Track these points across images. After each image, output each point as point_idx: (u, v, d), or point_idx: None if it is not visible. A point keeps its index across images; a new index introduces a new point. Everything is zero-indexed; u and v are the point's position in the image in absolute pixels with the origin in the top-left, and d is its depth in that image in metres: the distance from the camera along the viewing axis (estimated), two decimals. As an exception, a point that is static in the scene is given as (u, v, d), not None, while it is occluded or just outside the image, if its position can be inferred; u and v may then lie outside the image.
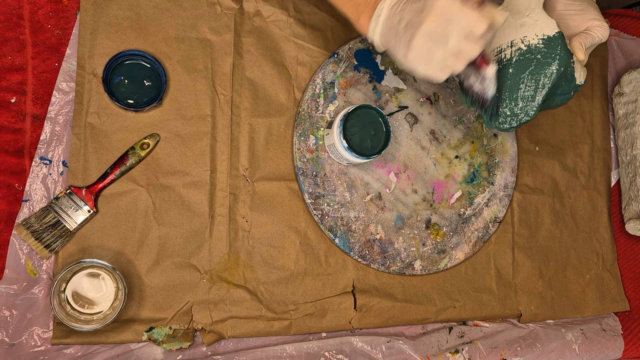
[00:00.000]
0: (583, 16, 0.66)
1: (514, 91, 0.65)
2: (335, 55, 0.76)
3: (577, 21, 0.66)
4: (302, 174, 0.74)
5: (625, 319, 0.89)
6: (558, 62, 0.63)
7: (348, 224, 0.75)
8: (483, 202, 0.82)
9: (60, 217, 0.65)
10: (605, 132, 0.93)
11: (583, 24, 0.66)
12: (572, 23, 0.66)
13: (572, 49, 0.65)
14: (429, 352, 0.76)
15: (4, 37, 0.67)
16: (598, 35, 0.65)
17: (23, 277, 0.66)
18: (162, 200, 0.69)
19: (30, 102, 0.68)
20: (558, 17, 0.67)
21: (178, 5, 0.71)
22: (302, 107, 0.75)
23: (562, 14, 0.67)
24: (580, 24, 0.66)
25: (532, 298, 0.83)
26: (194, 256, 0.70)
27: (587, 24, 0.66)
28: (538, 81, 0.64)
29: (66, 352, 0.66)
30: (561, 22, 0.67)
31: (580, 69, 0.66)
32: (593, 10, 0.66)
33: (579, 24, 0.66)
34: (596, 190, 0.90)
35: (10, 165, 0.67)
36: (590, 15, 0.66)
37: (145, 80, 0.69)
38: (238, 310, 0.70)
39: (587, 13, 0.66)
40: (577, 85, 0.66)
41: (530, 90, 0.65)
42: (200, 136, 0.71)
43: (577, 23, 0.66)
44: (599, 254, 0.89)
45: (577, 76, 0.65)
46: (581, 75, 0.66)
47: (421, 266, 0.78)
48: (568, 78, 0.65)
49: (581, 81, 0.66)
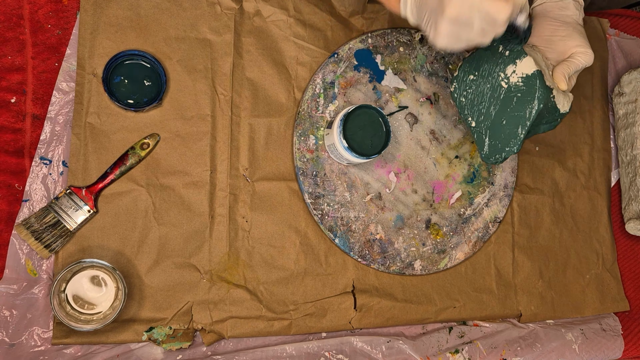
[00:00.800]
0: (568, 42, 0.67)
1: (497, 127, 0.69)
2: (335, 55, 0.76)
3: (562, 47, 0.68)
4: (302, 174, 0.74)
5: (625, 319, 0.89)
6: (537, 101, 0.65)
7: (348, 224, 0.75)
8: (483, 202, 0.82)
9: (60, 217, 0.65)
10: (605, 132, 0.93)
11: (568, 50, 0.67)
12: (557, 49, 0.68)
13: (555, 79, 0.67)
14: (429, 352, 0.76)
15: (4, 37, 0.67)
16: (582, 62, 0.67)
17: (23, 277, 0.66)
18: (162, 200, 0.69)
19: (30, 102, 0.68)
20: (544, 42, 0.68)
21: (178, 5, 0.71)
22: (302, 107, 0.75)
23: (548, 39, 0.68)
24: (565, 50, 0.67)
25: (532, 298, 0.83)
26: (194, 256, 0.70)
27: (572, 50, 0.67)
28: (519, 118, 0.67)
29: (66, 352, 0.66)
30: (548, 47, 0.68)
31: (562, 99, 0.67)
32: (578, 37, 0.67)
33: (564, 50, 0.67)
34: (596, 190, 0.90)
35: (10, 165, 0.67)
36: (575, 42, 0.67)
37: (145, 80, 0.69)
38: (238, 310, 0.70)
39: (571, 39, 0.67)
40: (561, 113, 0.68)
41: (512, 127, 0.68)
42: (200, 136, 0.71)
43: (562, 49, 0.68)
44: (599, 254, 0.89)
45: (560, 107, 0.67)
46: (564, 104, 0.68)
47: (421, 266, 0.78)
48: (551, 109, 0.67)
49: (565, 110, 0.68)
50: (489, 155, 0.71)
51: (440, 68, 0.81)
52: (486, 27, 0.55)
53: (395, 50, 0.79)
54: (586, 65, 0.67)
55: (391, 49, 0.79)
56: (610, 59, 0.96)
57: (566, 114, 0.68)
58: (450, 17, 0.54)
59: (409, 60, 0.79)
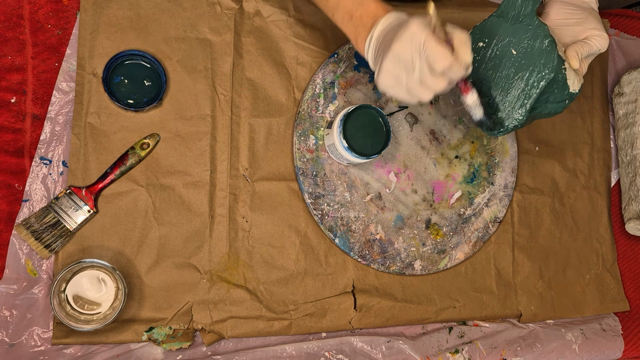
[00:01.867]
0: (583, 26, 0.66)
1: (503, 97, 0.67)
2: (335, 55, 0.76)
3: (577, 30, 0.66)
4: (302, 174, 0.74)
5: (625, 319, 0.89)
6: (548, 69, 0.63)
7: (348, 224, 0.75)
8: (483, 202, 0.82)
9: (60, 217, 0.65)
10: (605, 132, 0.93)
11: (582, 33, 0.66)
12: (571, 32, 0.66)
13: (567, 57, 0.65)
14: (429, 352, 0.76)
15: (4, 37, 0.67)
16: (596, 45, 0.65)
17: (23, 277, 0.66)
18: (162, 200, 0.69)
19: (30, 102, 0.68)
20: (558, 25, 0.67)
21: (178, 5, 0.71)
22: (302, 107, 0.75)
23: (562, 22, 0.67)
24: (579, 33, 0.66)
25: (532, 298, 0.83)
26: (194, 256, 0.70)
27: (587, 33, 0.66)
28: (527, 87, 0.65)
29: (66, 352, 0.66)
30: (561, 30, 0.67)
31: (574, 77, 0.65)
32: (593, 20, 0.66)
33: (578, 33, 0.66)
34: (596, 190, 0.90)
35: (10, 165, 0.67)
36: (590, 25, 0.65)
37: (145, 80, 0.69)
38: (238, 310, 0.70)
39: (587, 22, 0.66)
40: (571, 93, 0.66)
41: (519, 97, 0.66)
42: (200, 136, 0.71)
43: (576, 32, 0.66)
44: (599, 254, 0.89)
45: (570, 84, 0.65)
46: (575, 83, 0.65)
47: (421, 266, 0.78)
48: (560, 85, 0.65)
49: (575, 89, 0.65)
50: (493, 126, 0.68)
51: (440, 68, 0.81)
52: (424, 78, 0.53)
53: (395, 50, 0.79)
54: (600, 49, 0.65)
55: (391, 49, 0.79)
56: (610, 59, 0.96)
57: (575, 96, 0.66)
58: (394, 53, 0.53)
59: (409, 60, 0.79)
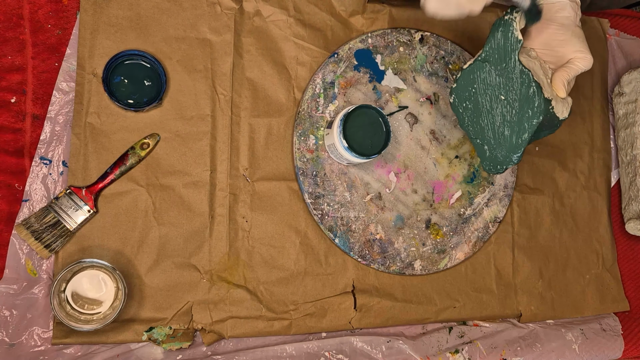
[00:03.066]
0: (566, 48, 0.67)
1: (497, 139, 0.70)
2: (335, 55, 0.76)
3: (561, 53, 0.68)
4: (302, 174, 0.74)
5: (625, 319, 0.89)
6: (536, 115, 0.65)
7: (348, 224, 0.75)
8: (483, 202, 0.82)
9: (60, 217, 0.65)
10: (605, 132, 0.93)
11: (567, 55, 0.67)
12: (556, 53, 0.68)
13: (554, 87, 0.67)
14: (429, 352, 0.76)
15: (4, 37, 0.67)
16: (580, 67, 0.67)
17: (23, 277, 0.66)
18: (162, 200, 0.69)
19: (30, 102, 0.68)
20: (542, 45, 0.68)
21: (178, 5, 0.71)
22: (302, 107, 0.75)
23: (546, 43, 0.68)
24: (563, 56, 0.68)
25: (532, 298, 0.83)
26: (194, 256, 0.70)
27: (571, 56, 0.67)
28: (519, 130, 0.67)
29: (66, 352, 0.66)
30: (546, 51, 0.68)
31: (561, 107, 0.67)
32: (576, 41, 0.67)
33: (563, 55, 0.68)
34: (596, 190, 0.90)
35: (10, 165, 0.67)
36: (573, 47, 0.67)
37: (145, 80, 0.69)
38: (238, 310, 0.70)
39: (570, 44, 0.67)
40: (560, 120, 0.68)
41: (512, 139, 0.68)
42: (200, 136, 0.71)
43: (561, 54, 0.68)
44: (599, 254, 0.89)
45: (559, 115, 0.67)
46: (564, 112, 0.68)
47: (421, 266, 0.78)
48: (550, 118, 0.67)
49: (564, 116, 0.68)
50: (490, 166, 0.72)
51: (440, 68, 0.81)
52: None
53: (395, 50, 0.79)
54: (585, 69, 0.67)
55: (391, 49, 0.79)
56: (610, 59, 0.96)
57: (565, 119, 0.69)
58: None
59: (409, 60, 0.79)
